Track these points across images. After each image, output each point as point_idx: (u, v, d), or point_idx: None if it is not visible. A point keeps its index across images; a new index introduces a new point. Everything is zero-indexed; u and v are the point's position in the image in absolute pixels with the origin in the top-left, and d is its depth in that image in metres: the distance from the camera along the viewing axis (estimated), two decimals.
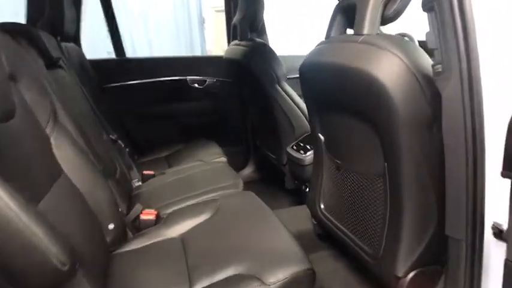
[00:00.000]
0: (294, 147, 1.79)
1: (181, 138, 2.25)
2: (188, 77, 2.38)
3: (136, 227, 1.25)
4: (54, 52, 1.41)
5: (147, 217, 1.25)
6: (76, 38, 2.07)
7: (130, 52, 4.23)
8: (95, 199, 1.06)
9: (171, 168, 1.85)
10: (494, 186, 0.74)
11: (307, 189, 1.75)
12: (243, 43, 2.05)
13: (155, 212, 1.29)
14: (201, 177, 1.62)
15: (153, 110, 2.38)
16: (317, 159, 1.42)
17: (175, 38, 4.90)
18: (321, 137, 1.35)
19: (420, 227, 0.99)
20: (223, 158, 1.90)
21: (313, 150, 1.54)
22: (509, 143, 0.66)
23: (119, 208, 1.22)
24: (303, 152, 1.71)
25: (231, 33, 2.26)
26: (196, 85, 2.40)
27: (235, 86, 2.35)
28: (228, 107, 2.49)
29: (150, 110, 2.38)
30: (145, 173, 1.74)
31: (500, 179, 0.69)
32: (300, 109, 1.87)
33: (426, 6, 0.79)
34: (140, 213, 1.27)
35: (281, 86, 1.91)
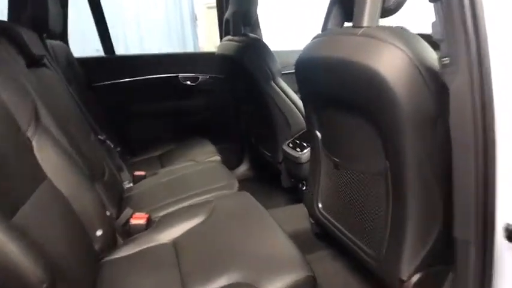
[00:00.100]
0: (290, 145, 1.74)
1: (173, 137, 2.19)
2: (180, 74, 2.31)
3: (126, 232, 1.19)
4: (37, 50, 1.34)
5: (138, 221, 1.20)
6: (63, 36, 2.00)
7: (123, 50, 4.19)
8: (81, 205, 1.01)
9: (164, 168, 1.79)
10: (506, 185, 0.70)
11: (304, 188, 1.71)
12: (236, 38, 2.00)
13: (146, 216, 1.23)
14: (194, 177, 1.57)
15: (144, 109, 2.32)
16: (314, 157, 1.39)
17: (167, 35, 4.89)
18: (318, 134, 1.31)
19: (425, 227, 0.96)
20: (217, 157, 1.85)
21: (310, 147, 1.50)
22: None
23: (108, 212, 1.16)
24: (299, 150, 1.66)
25: (224, 28, 2.21)
26: (188, 82, 2.34)
27: (228, 82, 2.30)
28: (221, 104, 2.43)
29: (141, 108, 2.31)
30: (137, 174, 1.69)
31: None
32: (296, 105, 1.83)
33: None
34: (130, 218, 1.21)
35: (276, 82, 1.86)
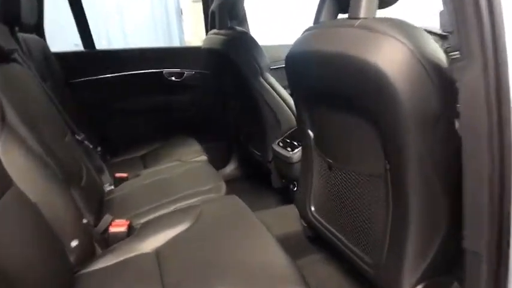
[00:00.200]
0: (281, 144, 1.66)
1: (157, 135, 2.09)
2: (165, 69, 2.21)
3: (105, 240, 1.10)
4: (6, 43, 1.23)
5: (118, 229, 1.10)
6: (38, 28, 1.87)
7: (106, 46, 4.04)
8: (53, 213, 0.92)
9: (147, 169, 1.70)
10: None
11: (296, 189, 1.64)
12: (223, 32, 1.91)
13: (127, 223, 1.14)
14: (179, 179, 1.48)
15: (127, 106, 2.20)
16: (306, 157, 1.32)
17: (152, 30, 4.77)
18: (310, 133, 1.24)
19: (427, 234, 0.89)
20: (203, 157, 1.76)
21: (301, 147, 1.43)
22: None
23: (85, 220, 1.07)
24: (290, 149, 1.58)
25: (209, 21, 2.11)
26: (173, 78, 2.23)
27: (215, 78, 2.20)
28: (208, 100, 2.34)
29: (123, 106, 2.19)
30: (118, 175, 1.59)
31: None
32: (286, 102, 1.75)
33: None
34: (109, 225, 1.12)
35: (264, 77, 1.78)
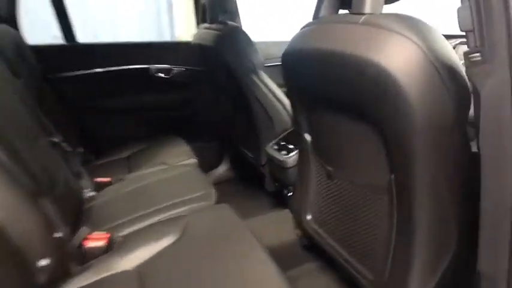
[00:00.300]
0: (275, 147, 1.57)
1: (145, 135, 1.98)
2: (151, 65, 2.09)
3: (82, 256, 1.00)
4: None
5: (95, 244, 1.00)
6: (11, 19, 1.72)
7: (92, 39, 3.88)
8: (18, 230, 0.81)
9: (131, 173, 1.58)
10: None
11: (290, 194, 1.55)
12: (214, 26, 1.80)
13: (107, 236, 1.03)
14: (166, 186, 1.37)
15: (111, 104, 2.07)
16: (302, 162, 1.23)
17: (142, 24, 4.60)
18: (307, 137, 1.16)
19: (436, 252, 0.82)
20: (192, 160, 1.65)
21: (297, 150, 1.34)
22: None
23: (58, 234, 0.96)
24: (285, 153, 1.49)
25: (200, 15, 2.00)
26: (161, 74, 2.11)
27: (205, 75, 2.09)
28: (198, 98, 2.22)
29: (107, 104, 2.06)
30: (99, 180, 1.47)
31: None
32: (280, 101, 1.66)
33: None
34: (86, 239, 1.01)
35: (258, 75, 1.68)
